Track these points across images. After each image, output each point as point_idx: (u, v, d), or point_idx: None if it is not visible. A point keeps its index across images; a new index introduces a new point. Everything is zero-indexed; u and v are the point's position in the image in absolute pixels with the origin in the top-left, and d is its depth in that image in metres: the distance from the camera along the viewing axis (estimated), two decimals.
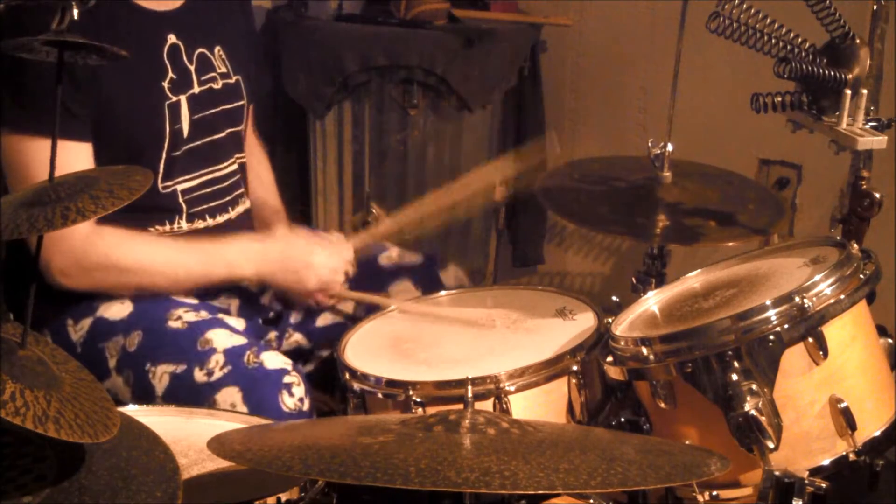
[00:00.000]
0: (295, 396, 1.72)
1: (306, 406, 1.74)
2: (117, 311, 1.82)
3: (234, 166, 2.01)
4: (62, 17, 1.07)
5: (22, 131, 1.73)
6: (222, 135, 1.96)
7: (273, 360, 1.75)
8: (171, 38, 1.87)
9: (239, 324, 1.89)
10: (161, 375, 1.75)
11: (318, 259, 1.94)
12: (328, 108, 2.89)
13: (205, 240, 1.90)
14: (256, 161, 2.18)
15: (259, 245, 1.93)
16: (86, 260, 1.78)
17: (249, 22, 2.16)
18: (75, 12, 1.07)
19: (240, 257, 1.89)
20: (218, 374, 1.72)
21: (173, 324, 1.79)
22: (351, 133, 2.92)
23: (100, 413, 1.03)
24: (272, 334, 2.04)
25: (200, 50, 1.91)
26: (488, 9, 3.11)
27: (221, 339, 1.77)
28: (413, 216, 2.12)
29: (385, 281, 2.09)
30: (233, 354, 1.74)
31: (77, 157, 1.75)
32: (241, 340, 1.78)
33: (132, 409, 1.55)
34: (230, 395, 1.71)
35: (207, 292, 1.93)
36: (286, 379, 1.72)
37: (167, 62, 1.86)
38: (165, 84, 1.84)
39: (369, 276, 2.08)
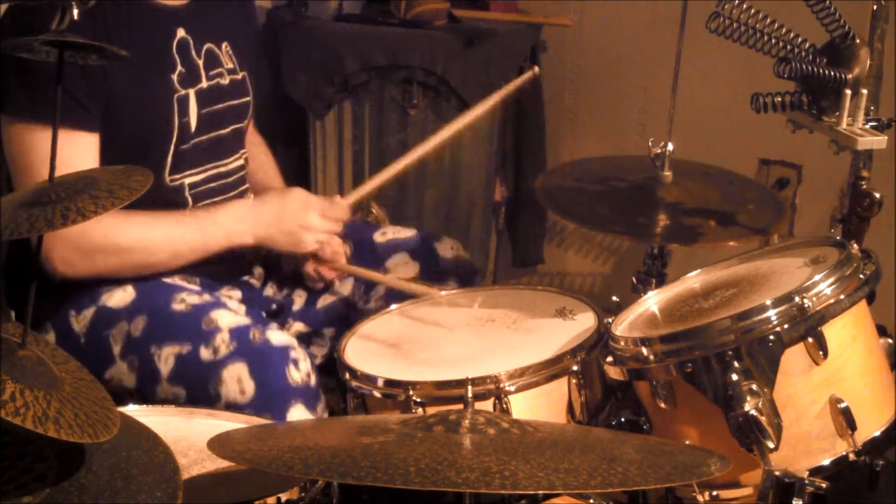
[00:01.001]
0: (302, 371, 1.72)
1: (313, 381, 1.75)
2: (120, 298, 1.82)
3: (240, 162, 2.02)
4: (62, 17, 1.07)
5: (30, 121, 1.72)
6: (228, 130, 1.96)
7: (278, 337, 1.76)
8: (181, 33, 1.87)
9: (240, 311, 1.89)
10: (167, 357, 1.75)
11: (313, 219, 1.94)
12: (328, 108, 2.90)
13: (200, 211, 1.90)
14: (258, 151, 2.18)
15: (255, 209, 1.93)
16: (86, 244, 1.77)
17: (252, 20, 2.17)
18: (75, 12, 1.08)
19: (237, 224, 1.89)
20: (224, 352, 1.72)
21: (177, 307, 1.79)
22: (351, 133, 2.92)
23: (100, 413, 1.03)
24: (273, 325, 2.04)
25: (208, 45, 1.92)
26: (488, 9, 3.12)
27: (226, 318, 1.77)
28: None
29: (382, 257, 2.09)
30: (238, 332, 1.74)
31: (84, 148, 1.75)
32: (245, 320, 1.79)
33: (132, 409, 1.55)
34: (237, 371, 1.71)
35: (210, 283, 1.94)
36: (292, 354, 1.73)
37: (176, 56, 1.86)
38: (174, 77, 1.85)
39: (365, 254, 2.08)
